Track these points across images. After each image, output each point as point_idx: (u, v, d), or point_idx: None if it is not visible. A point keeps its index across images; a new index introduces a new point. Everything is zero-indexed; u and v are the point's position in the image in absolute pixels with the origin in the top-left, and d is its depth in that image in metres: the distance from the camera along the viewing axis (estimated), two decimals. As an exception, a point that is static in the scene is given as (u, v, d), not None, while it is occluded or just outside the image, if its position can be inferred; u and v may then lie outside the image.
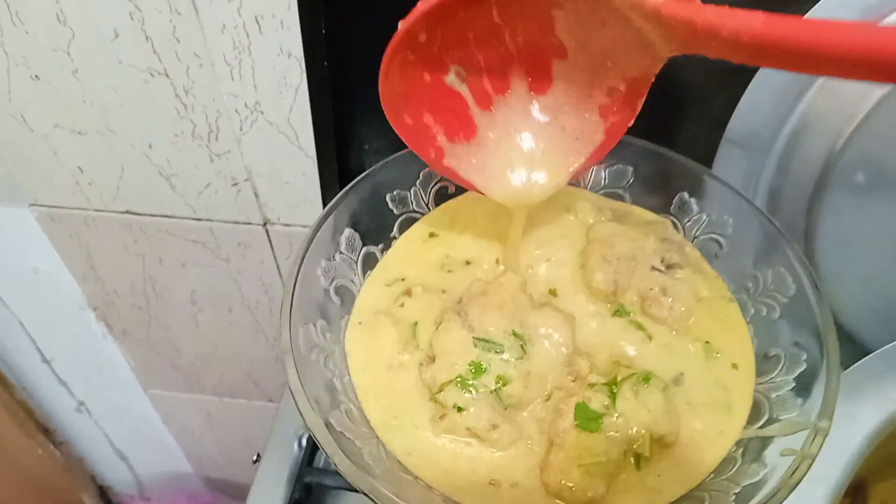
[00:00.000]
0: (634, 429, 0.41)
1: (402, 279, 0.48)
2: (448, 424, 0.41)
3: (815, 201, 0.62)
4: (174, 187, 0.84)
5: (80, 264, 0.99)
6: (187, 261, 0.95)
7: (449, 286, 0.48)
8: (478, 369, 0.42)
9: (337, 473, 0.70)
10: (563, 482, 0.39)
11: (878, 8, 0.56)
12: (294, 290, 0.41)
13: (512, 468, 0.40)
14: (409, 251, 0.50)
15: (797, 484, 0.35)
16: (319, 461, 0.70)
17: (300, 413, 0.37)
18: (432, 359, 0.43)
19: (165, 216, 0.88)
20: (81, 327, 1.11)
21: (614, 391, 0.42)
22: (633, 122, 0.47)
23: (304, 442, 0.70)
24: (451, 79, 0.46)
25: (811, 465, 0.35)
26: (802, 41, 0.33)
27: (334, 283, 0.45)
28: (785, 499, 0.34)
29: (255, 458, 0.71)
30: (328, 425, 0.37)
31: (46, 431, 1.28)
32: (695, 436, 0.41)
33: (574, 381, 0.43)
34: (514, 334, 0.44)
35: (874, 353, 0.52)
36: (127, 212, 0.88)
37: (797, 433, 0.37)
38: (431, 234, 0.52)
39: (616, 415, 0.41)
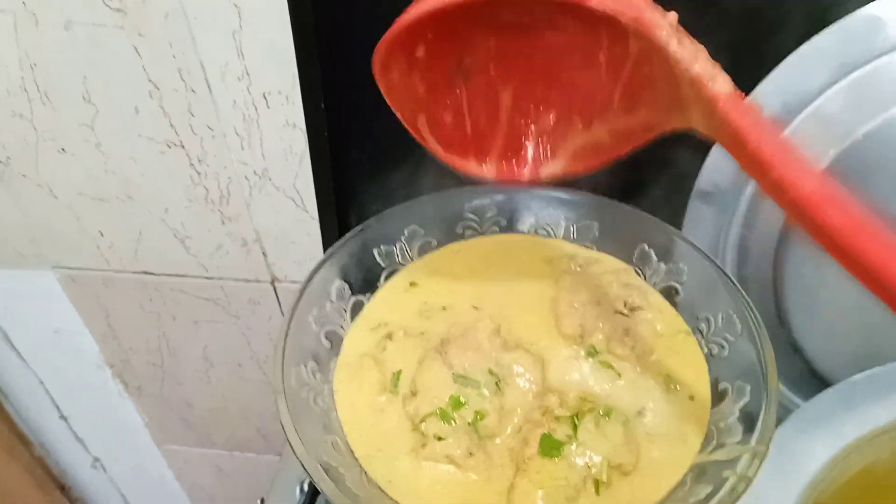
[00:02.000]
0: (594, 457, 0.45)
1: (385, 324, 0.53)
2: (429, 452, 0.45)
3: (781, 255, 0.65)
4: (188, 249, 0.89)
5: (99, 323, 1.04)
6: (199, 318, 1.00)
7: (427, 329, 0.52)
8: (457, 403, 0.47)
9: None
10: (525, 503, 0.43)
11: (854, 60, 0.59)
12: (287, 335, 0.46)
13: (483, 493, 0.44)
14: (391, 299, 0.55)
15: (737, 500, 0.39)
16: (320, 504, 0.74)
17: (289, 444, 0.41)
18: (415, 393, 0.48)
19: (179, 275, 0.94)
20: (98, 385, 1.16)
21: (577, 423, 0.46)
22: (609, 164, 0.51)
23: (305, 487, 0.74)
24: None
25: (748, 485, 0.39)
26: (844, 240, 0.34)
27: (325, 329, 0.50)
28: (723, 516, 0.38)
29: (259, 502, 0.75)
30: (315, 455, 0.42)
31: (62, 488, 1.31)
32: (652, 464, 0.45)
33: (543, 415, 0.47)
34: (490, 372, 0.48)
35: (827, 389, 0.56)
36: (144, 272, 0.94)
37: (739, 457, 0.41)
38: (412, 284, 0.56)
39: (576, 444, 0.45)
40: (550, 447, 0.44)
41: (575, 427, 0.46)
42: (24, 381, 1.16)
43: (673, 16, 0.39)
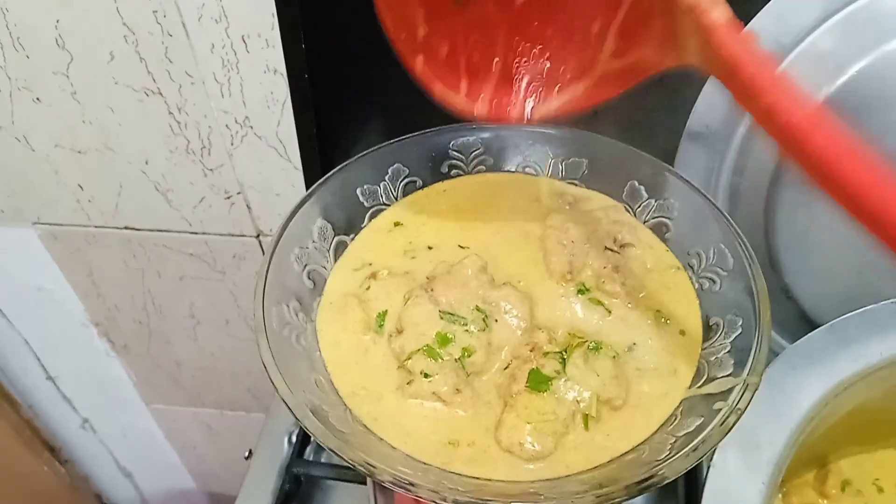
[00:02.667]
0: (583, 392, 0.44)
1: (369, 264, 0.52)
2: (415, 389, 0.44)
3: (772, 196, 0.65)
4: (170, 202, 0.88)
5: (82, 281, 1.03)
6: (185, 274, 0.99)
7: (412, 269, 0.51)
8: (444, 339, 0.46)
9: (323, 464, 0.73)
10: (513, 439, 0.42)
11: (810, 25, 0.59)
12: (267, 273, 0.45)
13: (470, 429, 0.44)
14: (375, 239, 0.54)
15: (727, 432, 0.38)
16: (309, 454, 0.74)
17: (272, 382, 0.40)
18: (401, 331, 0.47)
19: (162, 231, 0.92)
20: (84, 344, 1.15)
21: (565, 358, 0.45)
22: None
23: (293, 438, 0.74)
24: None
25: (739, 417, 0.39)
26: (832, 166, 0.34)
27: (307, 269, 0.49)
28: (715, 444, 0.38)
29: (247, 454, 0.74)
30: (298, 394, 0.41)
31: (52, 449, 1.31)
32: (642, 398, 0.45)
33: (532, 351, 0.46)
34: (478, 308, 0.48)
35: (821, 326, 0.55)
36: (126, 227, 0.92)
37: (731, 389, 0.41)
38: (396, 224, 0.55)
39: (565, 379, 0.44)
40: (539, 381, 0.44)
41: (564, 362, 0.45)
42: (10, 341, 1.15)
43: None
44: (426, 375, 0.44)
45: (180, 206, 0.88)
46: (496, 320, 0.47)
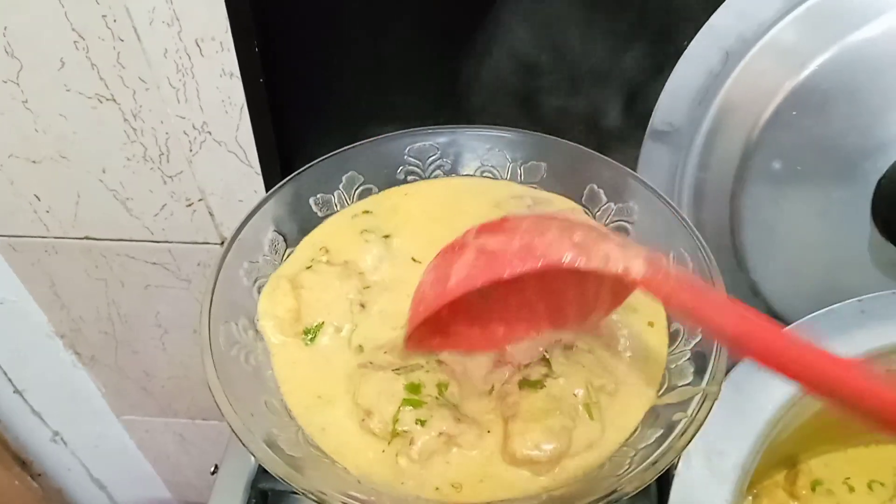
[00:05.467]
0: (576, 385, 0.44)
1: (323, 248, 0.51)
2: (422, 445, 0.43)
3: (737, 193, 0.64)
4: (130, 210, 0.86)
5: (45, 292, 1.01)
6: (149, 283, 0.97)
7: (356, 258, 0.50)
8: (414, 387, 0.45)
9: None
10: (526, 443, 0.42)
11: (772, 19, 0.58)
12: (213, 290, 0.43)
13: (476, 462, 0.43)
14: (337, 221, 0.54)
15: (685, 446, 0.37)
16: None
17: (217, 407, 0.39)
18: (369, 412, 0.44)
19: (124, 240, 0.90)
20: (51, 356, 1.12)
21: (548, 359, 0.45)
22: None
23: (260, 451, 0.72)
24: None
25: (699, 428, 0.38)
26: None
27: (257, 283, 0.48)
28: (672, 461, 0.37)
29: (212, 469, 0.73)
30: (245, 417, 0.39)
31: (23, 463, 1.28)
32: (629, 379, 0.45)
33: (505, 365, 0.46)
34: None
35: (786, 327, 0.55)
36: (86, 237, 0.90)
37: (690, 399, 0.40)
38: (365, 212, 0.55)
39: (556, 376, 0.44)
40: (532, 385, 0.44)
41: (548, 363, 0.45)
42: (-27, 356, 1.12)
43: (578, 235, 0.40)
44: (422, 423, 0.43)
45: (141, 214, 0.86)
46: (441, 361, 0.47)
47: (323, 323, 0.47)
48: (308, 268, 0.49)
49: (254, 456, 0.37)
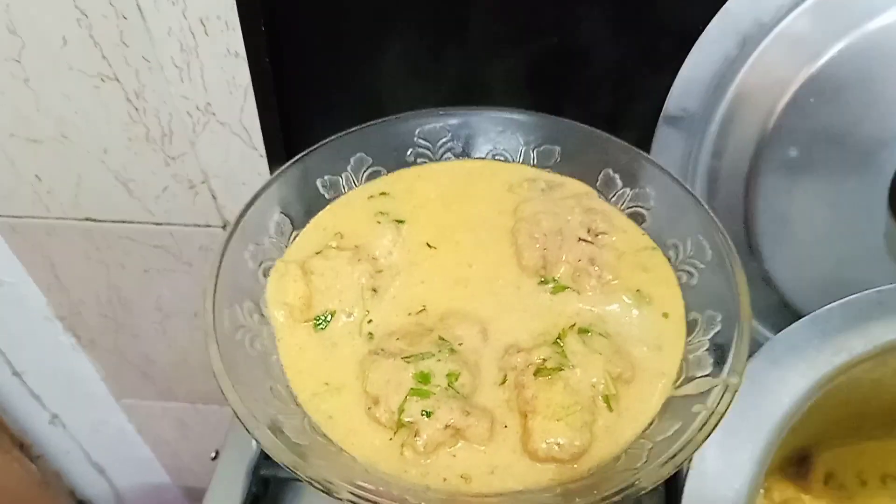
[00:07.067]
0: (593, 374, 0.43)
1: (338, 233, 0.50)
2: (427, 438, 0.41)
3: (751, 181, 0.63)
4: (131, 192, 0.84)
5: (45, 274, 0.99)
6: (150, 267, 0.95)
7: (368, 241, 0.49)
8: (423, 377, 0.43)
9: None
10: (549, 441, 0.41)
11: (789, 4, 0.57)
12: (218, 273, 0.42)
13: (494, 455, 0.42)
14: (350, 203, 0.53)
15: (705, 440, 0.36)
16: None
17: (222, 392, 0.38)
18: (376, 400, 0.43)
19: (125, 222, 0.89)
20: (50, 339, 1.11)
21: (562, 346, 0.44)
22: None
23: (261, 437, 0.71)
24: None
25: (720, 420, 0.37)
26: None
27: (262, 266, 0.46)
28: (690, 455, 0.36)
29: (213, 455, 0.72)
30: (251, 403, 0.38)
31: (22, 446, 1.28)
32: (646, 364, 0.44)
33: (519, 352, 0.45)
34: (441, 339, 0.46)
35: (803, 318, 0.53)
36: (87, 219, 0.89)
37: (710, 390, 0.39)
38: (382, 193, 0.53)
39: (572, 365, 0.43)
40: (547, 374, 0.43)
41: (563, 351, 0.44)
42: (-28, 337, 1.11)
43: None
44: (428, 414, 0.42)
45: (142, 196, 0.85)
46: (460, 343, 0.46)
47: (335, 311, 0.46)
48: (318, 253, 0.47)
49: (258, 443, 0.36)
